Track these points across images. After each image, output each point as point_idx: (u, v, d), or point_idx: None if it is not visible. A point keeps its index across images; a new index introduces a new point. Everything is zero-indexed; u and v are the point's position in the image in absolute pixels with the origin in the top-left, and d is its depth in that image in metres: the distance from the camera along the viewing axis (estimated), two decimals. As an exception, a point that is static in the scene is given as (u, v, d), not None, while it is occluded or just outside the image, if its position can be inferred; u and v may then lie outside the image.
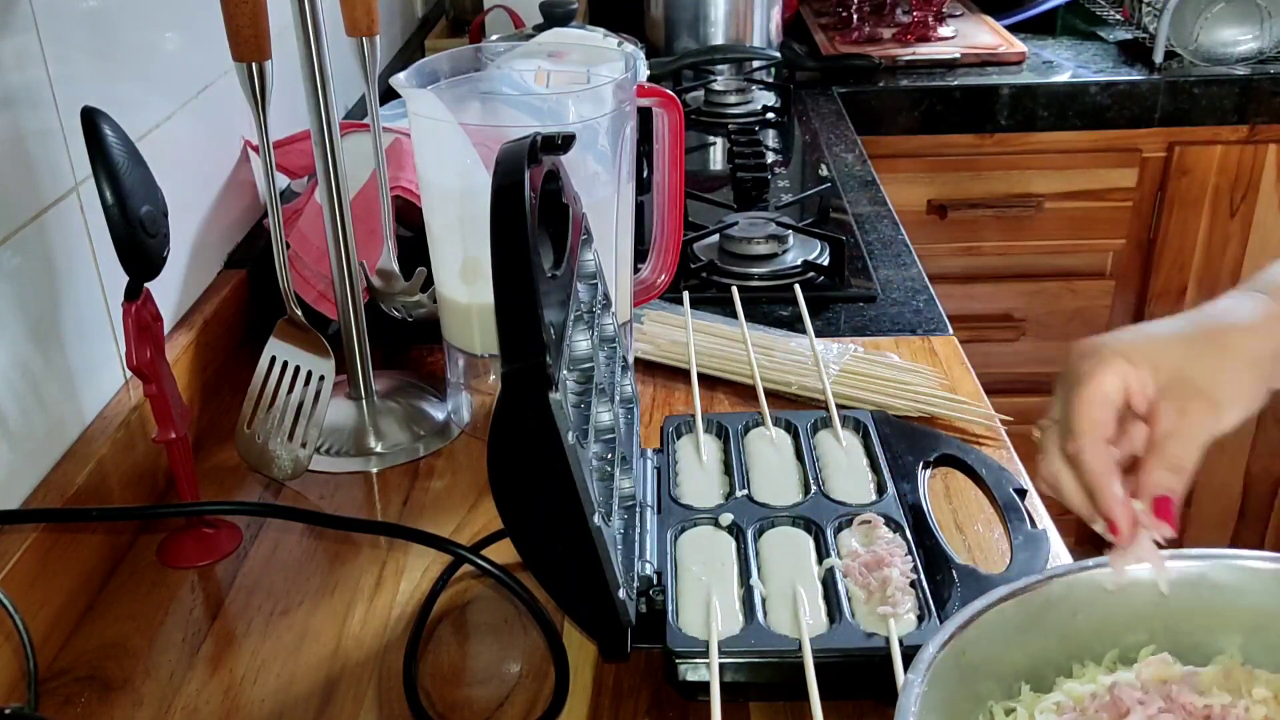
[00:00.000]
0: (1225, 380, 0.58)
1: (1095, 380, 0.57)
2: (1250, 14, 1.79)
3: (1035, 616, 0.59)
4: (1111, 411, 0.57)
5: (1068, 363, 0.59)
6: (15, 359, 0.73)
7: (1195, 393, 0.57)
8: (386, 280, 0.93)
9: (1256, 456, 1.99)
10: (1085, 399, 0.57)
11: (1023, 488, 0.77)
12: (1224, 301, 0.61)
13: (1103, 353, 0.57)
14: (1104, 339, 0.59)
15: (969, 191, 1.81)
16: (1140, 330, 0.60)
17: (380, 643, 0.71)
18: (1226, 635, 0.60)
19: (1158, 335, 0.59)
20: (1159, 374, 0.57)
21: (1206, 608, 0.60)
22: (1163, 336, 0.59)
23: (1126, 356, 0.57)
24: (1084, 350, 0.58)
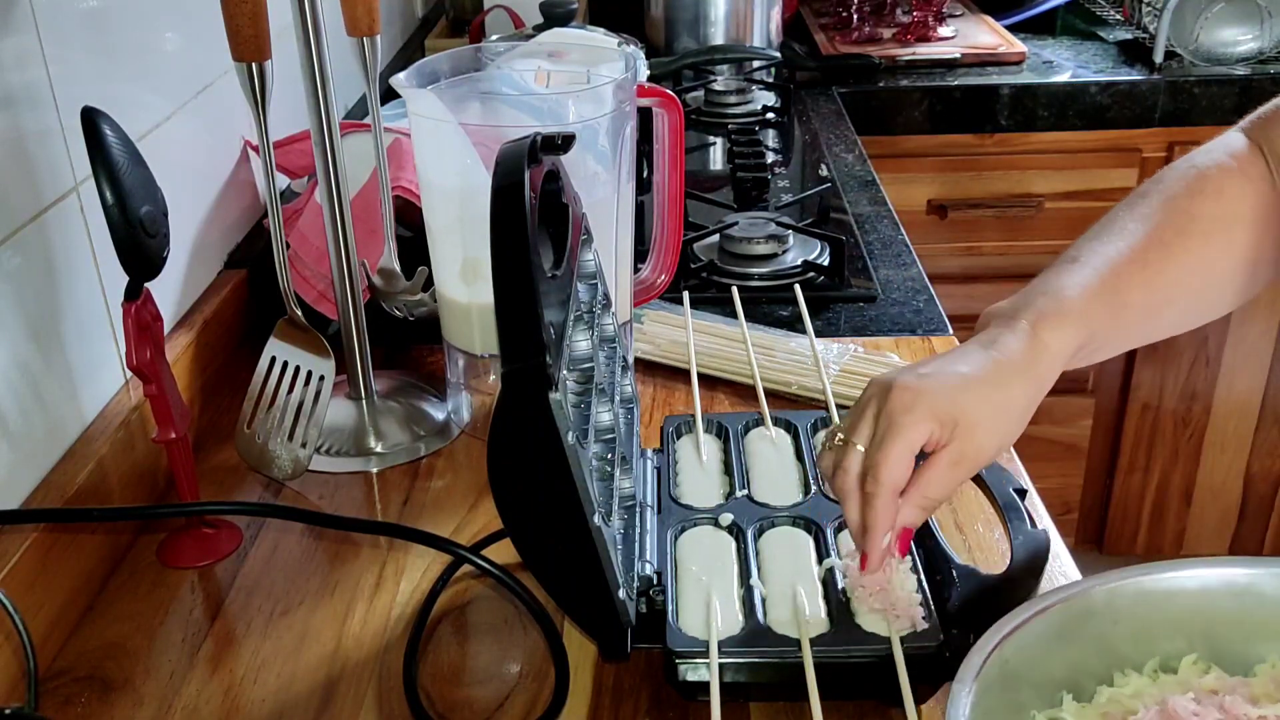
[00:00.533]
0: (1001, 438, 0.64)
1: (907, 437, 0.61)
2: (1250, 14, 1.79)
3: (1076, 625, 0.59)
4: (911, 463, 0.62)
5: (888, 406, 0.62)
6: (15, 359, 0.73)
7: (974, 450, 0.62)
8: (388, 279, 0.93)
9: (1256, 456, 1.99)
10: (895, 454, 0.61)
11: (1023, 488, 0.76)
12: (1006, 339, 0.64)
13: (920, 409, 0.61)
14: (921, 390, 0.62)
15: (969, 191, 1.81)
16: (946, 377, 0.63)
17: (380, 643, 0.71)
18: (1266, 643, 0.60)
19: (961, 388, 0.62)
20: (956, 429, 0.62)
21: (1247, 616, 0.60)
22: (966, 390, 0.62)
23: (937, 415, 0.61)
24: (905, 402, 0.61)
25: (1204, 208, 0.73)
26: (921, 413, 0.61)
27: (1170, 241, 0.71)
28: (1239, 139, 0.77)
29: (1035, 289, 0.68)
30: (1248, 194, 0.73)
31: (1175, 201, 0.73)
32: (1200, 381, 1.94)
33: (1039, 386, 0.65)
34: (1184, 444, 1.99)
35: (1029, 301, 0.67)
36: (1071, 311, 0.66)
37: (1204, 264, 0.73)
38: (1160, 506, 2.05)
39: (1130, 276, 0.69)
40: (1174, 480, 2.03)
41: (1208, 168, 0.75)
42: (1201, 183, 0.74)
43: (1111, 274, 0.68)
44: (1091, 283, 0.68)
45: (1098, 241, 0.71)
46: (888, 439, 0.61)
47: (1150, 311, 0.71)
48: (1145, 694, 0.58)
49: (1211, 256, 0.73)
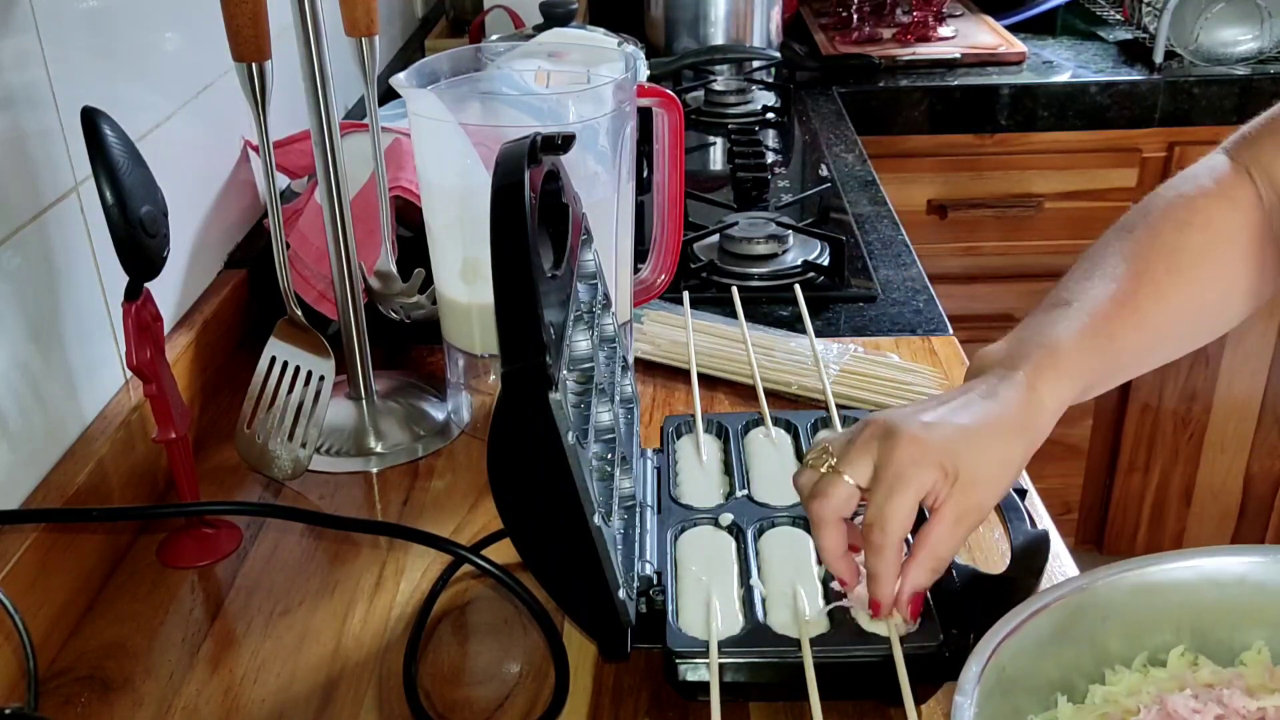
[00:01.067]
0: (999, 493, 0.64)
1: (914, 490, 0.61)
2: (1250, 14, 1.79)
3: (1067, 625, 0.59)
4: (913, 514, 0.62)
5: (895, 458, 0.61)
6: (15, 359, 0.73)
7: (976, 505, 0.62)
8: (384, 281, 0.93)
9: (1256, 456, 1.99)
10: (906, 506, 0.61)
11: (1023, 488, 0.77)
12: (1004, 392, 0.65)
13: (927, 460, 0.61)
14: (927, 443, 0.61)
15: (969, 191, 1.81)
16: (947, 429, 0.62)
17: (380, 643, 0.71)
18: (1251, 630, 0.61)
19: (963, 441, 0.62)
20: (958, 483, 0.62)
21: (1232, 605, 0.61)
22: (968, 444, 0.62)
23: (942, 467, 0.61)
24: (913, 454, 0.61)
25: (1191, 240, 0.72)
26: (929, 464, 0.61)
27: (1160, 279, 0.70)
28: (1223, 161, 0.76)
29: (1029, 337, 0.68)
30: (1234, 220, 0.73)
31: (1163, 237, 0.72)
32: (1200, 381, 1.94)
33: (1034, 441, 0.65)
34: (1184, 444, 1.99)
35: (1024, 352, 0.67)
36: (1067, 364, 0.66)
37: (1195, 297, 0.72)
38: (1160, 506, 2.05)
39: (1123, 320, 0.69)
40: (1174, 480, 2.03)
41: (1193, 196, 0.74)
42: (1189, 214, 0.73)
43: (1104, 319, 0.68)
44: (1085, 330, 0.67)
45: (1088, 282, 0.70)
46: (897, 491, 0.61)
47: (1145, 350, 0.71)
48: (1140, 690, 0.58)
49: (1202, 288, 0.72)
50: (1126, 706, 0.57)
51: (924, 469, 0.61)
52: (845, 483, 0.63)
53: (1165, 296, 0.70)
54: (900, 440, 0.62)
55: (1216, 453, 2.00)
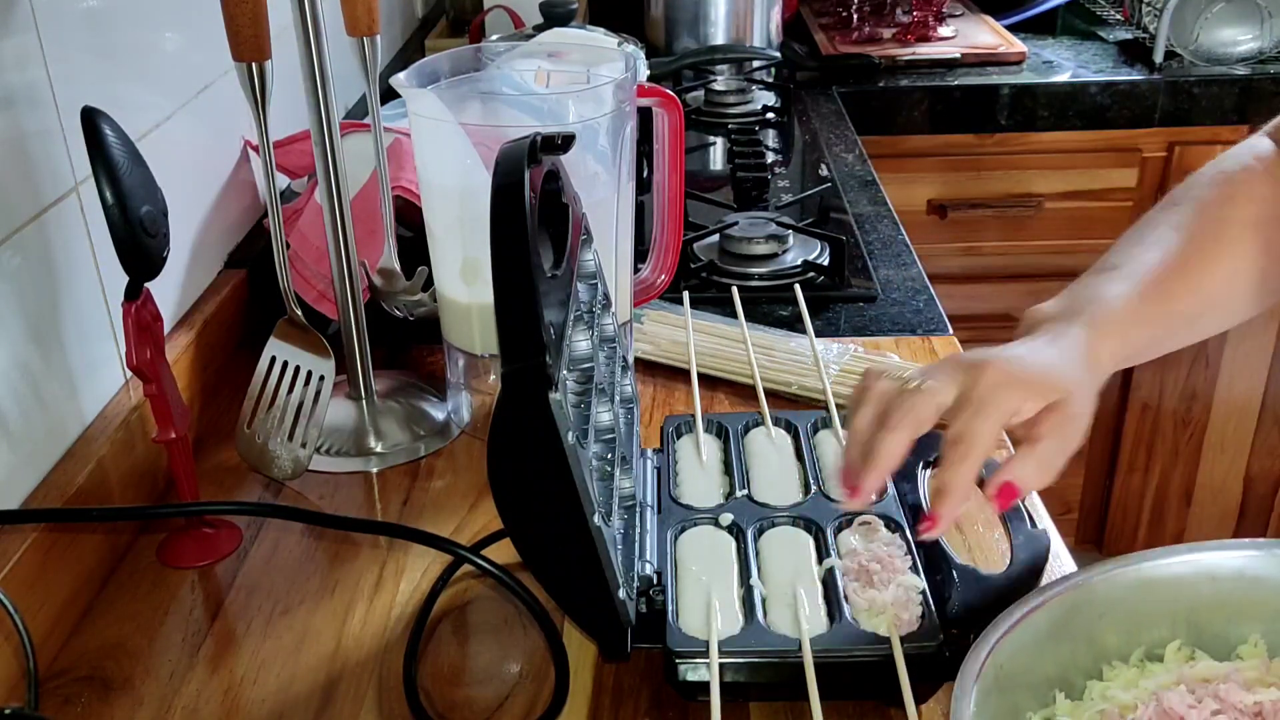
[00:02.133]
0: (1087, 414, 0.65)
1: (1006, 408, 0.62)
2: (1250, 14, 1.79)
3: (1064, 622, 0.59)
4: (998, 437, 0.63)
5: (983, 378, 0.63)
6: (15, 359, 0.73)
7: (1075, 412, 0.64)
8: (388, 279, 0.93)
9: (1256, 456, 1.99)
10: (988, 424, 0.62)
11: (1023, 488, 0.76)
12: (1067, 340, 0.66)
13: (1016, 384, 0.62)
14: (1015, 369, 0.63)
15: (969, 191, 1.81)
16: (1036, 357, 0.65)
17: (380, 643, 0.71)
18: (1246, 623, 0.61)
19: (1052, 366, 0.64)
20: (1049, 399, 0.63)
21: (1228, 599, 0.61)
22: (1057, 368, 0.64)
23: (1033, 388, 0.63)
24: (999, 378, 0.63)
25: (1237, 213, 0.74)
26: (1017, 388, 0.62)
27: (1208, 248, 0.72)
28: (1265, 143, 0.78)
29: (1081, 295, 0.69)
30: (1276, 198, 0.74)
31: (1209, 208, 0.74)
32: (1200, 381, 1.94)
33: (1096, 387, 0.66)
34: (1184, 444, 1.99)
35: (1079, 309, 0.68)
36: (1121, 322, 0.68)
37: (1242, 268, 0.74)
38: (1160, 506, 2.05)
39: (1174, 285, 0.70)
40: (1174, 480, 2.03)
41: (1235, 173, 0.76)
42: (1231, 188, 0.75)
43: (1155, 283, 0.70)
44: (1137, 291, 0.69)
45: (1138, 248, 0.72)
46: (984, 411, 0.62)
47: (1193, 318, 0.73)
48: (1138, 686, 0.59)
49: (1248, 260, 0.74)
50: (1124, 702, 0.57)
51: (1012, 391, 0.62)
52: (934, 401, 0.63)
53: (1214, 264, 0.72)
54: (988, 368, 0.63)
55: (1216, 453, 2.00)
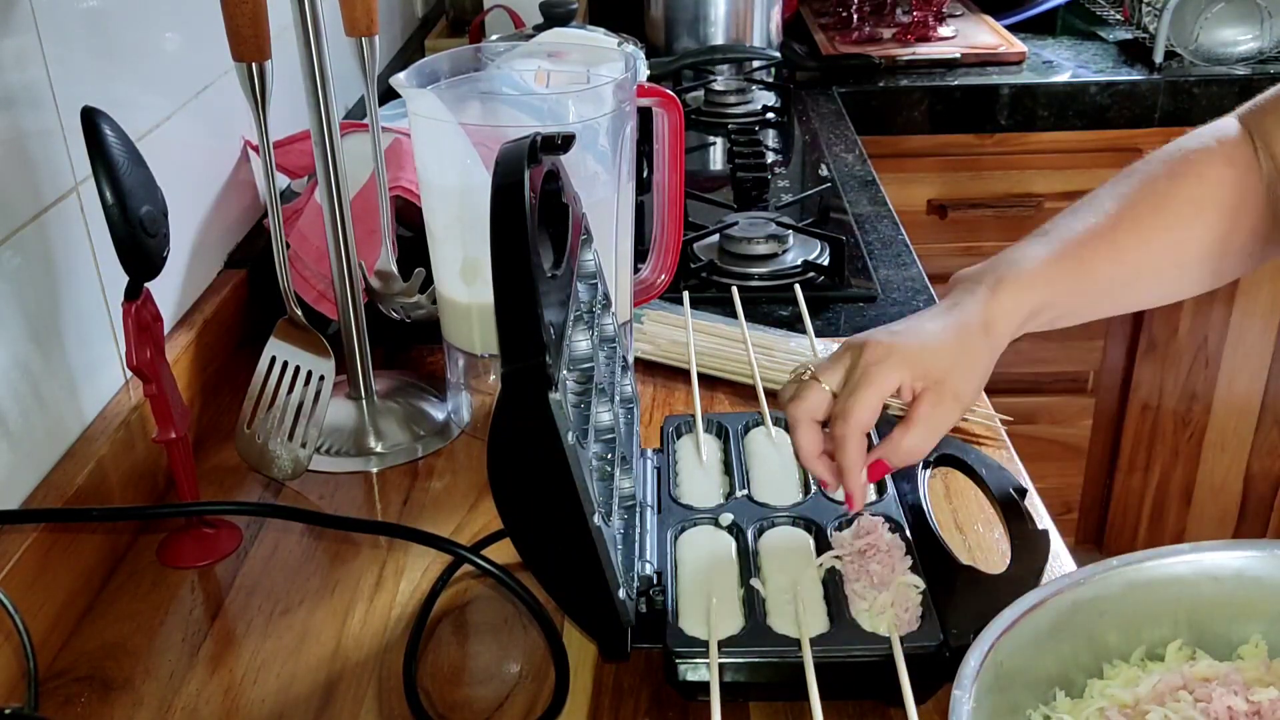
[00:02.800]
0: (973, 387, 0.69)
1: (879, 385, 0.67)
2: (1250, 14, 1.79)
3: (1065, 620, 0.59)
4: (878, 410, 0.68)
5: (863, 359, 0.68)
6: (15, 359, 0.73)
7: (951, 396, 0.68)
8: (385, 281, 0.93)
9: (1256, 456, 1.99)
10: (867, 399, 0.67)
11: (1023, 488, 0.77)
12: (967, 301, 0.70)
13: (891, 360, 0.67)
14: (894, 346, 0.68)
15: (969, 191, 1.81)
16: (915, 335, 0.69)
17: (380, 643, 0.71)
18: (1248, 623, 0.61)
19: (931, 342, 0.68)
20: (928, 378, 0.68)
21: (1229, 599, 0.61)
22: (935, 344, 0.68)
23: (909, 364, 0.67)
24: (878, 355, 0.67)
25: (1182, 190, 0.75)
26: (893, 364, 0.67)
27: (1142, 219, 0.73)
28: (1232, 124, 0.78)
29: (1001, 257, 0.73)
30: (1227, 180, 0.75)
31: (1155, 182, 0.75)
32: (1200, 381, 1.94)
33: (994, 346, 0.70)
34: (1184, 444, 1.99)
35: (992, 268, 0.72)
36: (1028, 278, 0.71)
37: (1174, 245, 0.75)
38: (1160, 506, 2.05)
39: (1096, 250, 0.72)
40: (1174, 480, 2.03)
41: (1193, 150, 0.76)
42: (1185, 166, 0.76)
43: (1076, 245, 0.72)
44: (1054, 252, 0.72)
45: (1072, 217, 0.75)
46: (860, 387, 0.67)
47: (1116, 285, 0.74)
48: (1138, 684, 0.59)
49: (1182, 238, 0.75)
50: (1124, 701, 0.58)
51: (888, 369, 0.67)
52: (820, 387, 0.69)
53: (1145, 237, 0.73)
54: (867, 346, 0.68)
55: (1216, 452, 2.00)
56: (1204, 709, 0.56)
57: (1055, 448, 1.96)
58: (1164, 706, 0.56)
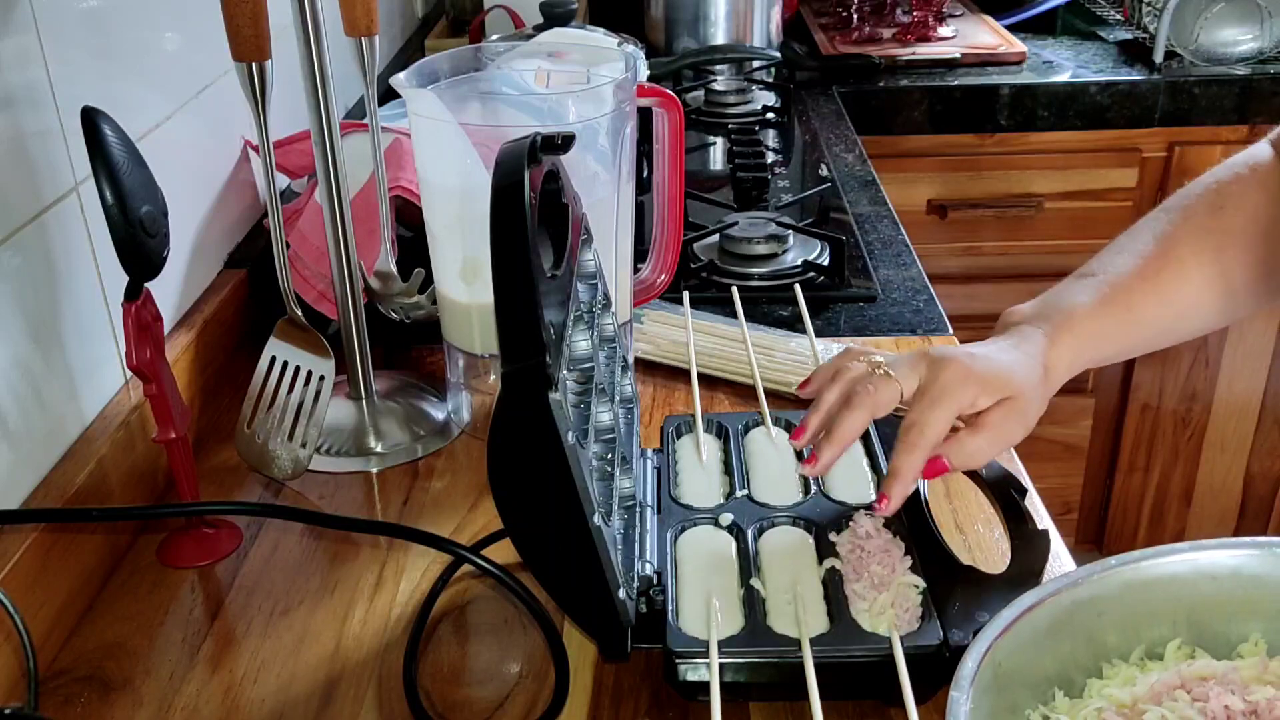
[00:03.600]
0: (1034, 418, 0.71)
1: (955, 404, 0.68)
2: (1250, 14, 1.79)
3: (1063, 620, 0.59)
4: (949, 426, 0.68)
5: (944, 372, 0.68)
6: (15, 359, 0.73)
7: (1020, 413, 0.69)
8: (384, 282, 0.93)
9: (1256, 456, 1.99)
10: (943, 414, 0.68)
11: (1023, 488, 0.77)
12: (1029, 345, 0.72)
13: (971, 381, 0.68)
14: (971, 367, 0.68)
15: (969, 191, 1.81)
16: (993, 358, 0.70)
17: (380, 643, 0.71)
18: (1247, 622, 0.61)
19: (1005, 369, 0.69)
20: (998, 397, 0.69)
21: (1228, 597, 0.61)
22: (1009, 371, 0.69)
23: (986, 387, 0.68)
24: (959, 374, 0.68)
25: (1221, 222, 0.75)
26: (971, 384, 0.68)
27: (1185, 258, 0.74)
28: (1265, 150, 0.78)
29: (1053, 301, 0.73)
30: (1263, 207, 0.75)
31: (1194, 219, 0.75)
32: (1200, 381, 1.94)
33: (1049, 392, 0.71)
34: (1184, 444, 1.99)
35: (1046, 314, 0.73)
36: (1082, 330, 0.72)
37: (1216, 279, 0.75)
38: (1160, 506, 2.05)
39: (1143, 293, 0.73)
40: (1174, 480, 2.03)
41: (1228, 182, 0.77)
42: (1221, 198, 0.76)
43: (1124, 291, 0.73)
44: (1103, 298, 0.73)
45: (1118, 257, 0.75)
46: (940, 402, 0.67)
47: (1163, 325, 0.75)
48: (1136, 683, 0.59)
49: (1224, 272, 0.75)
50: (1121, 701, 0.58)
51: (968, 387, 0.68)
52: (897, 387, 0.69)
53: (1188, 275, 0.74)
54: (948, 363, 0.68)
55: (1216, 453, 2.00)
56: (1201, 708, 0.56)
57: (1055, 448, 1.96)
58: (1161, 706, 0.56)
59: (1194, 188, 0.78)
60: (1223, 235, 0.74)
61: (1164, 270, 0.73)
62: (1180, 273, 0.74)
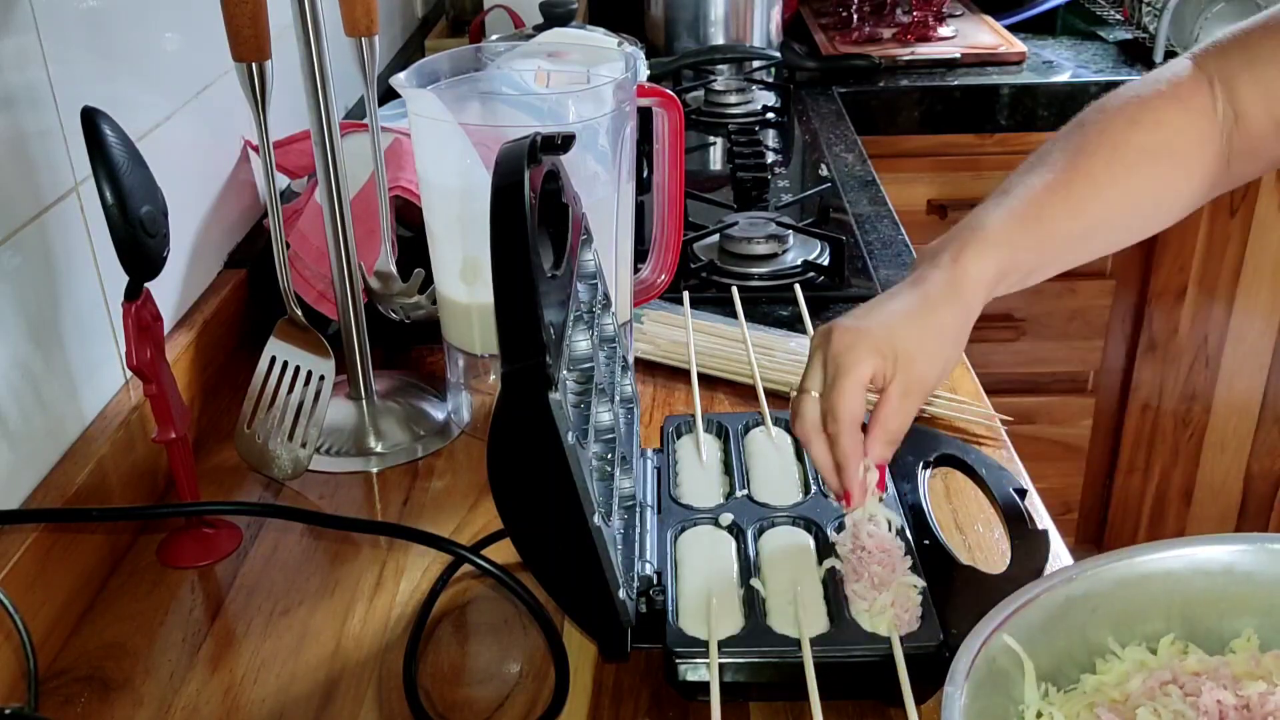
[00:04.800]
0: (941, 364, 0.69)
1: (856, 373, 0.66)
2: (1250, 14, 1.79)
3: (1058, 616, 0.59)
4: (864, 398, 0.66)
5: (831, 350, 0.67)
6: (15, 359, 0.73)
7: (918, 379, 0.67)
8: (384, 282, 0.93)
9: (1256, 456, 1.99)
10: (848, 390, 0.66)
11: (1023, 488, 0.77)
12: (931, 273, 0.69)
13: (862, 347, 0.66)
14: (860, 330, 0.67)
15: (969, 191, 1.81)
16: (880, 315, 0.68)
17: (380, 643, 0.71)
18: (1241, 619, 0.61)
19: (895, 323, 0.67)
20: (898, 357, 0.66)
21: (1221, 593, 0.61)
22: (900, 325, 0.67)
23: (879, 350, 0.66)
24: (846, 342, 0.66)
25: (1137, 138, 0.74)
26: (863, 349, 0.66)
27: (1097, 171, 0.73)
28: (1186, 66, 0.77)
29: (962, 224, 0.72)
30: (1184, 126, 0.74)
31: (1110, 133, 0.74)
32: (1200, 381, 1.94)
33: (966, 311, 0.69)
34: (1184, 444, 1.99)
35: (954, 235, 0.71)
36: (991, 240, 0.70)
37: (1133, 193, 0.74)
38: (1160, 506, 2.05)
39: (1055, 206, 0.71)
40: (1174, 480, 2.03)
41: (1148, 97, 0.75)
42: (1140, 112, 0.75)
43: (1035, 203, 0.71)
44: (1015, 212, 0.71)
45: (1029, 174, 0.73)
46: (837, 378, 0.66)
47: (1076, 238, 0.74)
48: (1130, 678, 0.59)
49: (1141, 185, 0.74)
50: (1114, 697, 0.58)
51: (859, 354, 0.65)
52: (809, 396, 0.68)
53: (1101, 188, 0.73)
54: (834, 335, 0.67)
55: (1216, 452, 2.00)
56: (1193, 703, 0.56)
57: (1055, 448, 1.96)
58: (1154, 701, 0.56)
59: (1112, 100, 0.76)
60: (1137, 153, 0.73)
61: (1074, 182, 0.72)
62: (1093, 184, 0.72)
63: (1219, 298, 1.86)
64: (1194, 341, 1.91)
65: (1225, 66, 0.75)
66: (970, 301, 0.69)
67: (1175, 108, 0.74)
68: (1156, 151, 0.74)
